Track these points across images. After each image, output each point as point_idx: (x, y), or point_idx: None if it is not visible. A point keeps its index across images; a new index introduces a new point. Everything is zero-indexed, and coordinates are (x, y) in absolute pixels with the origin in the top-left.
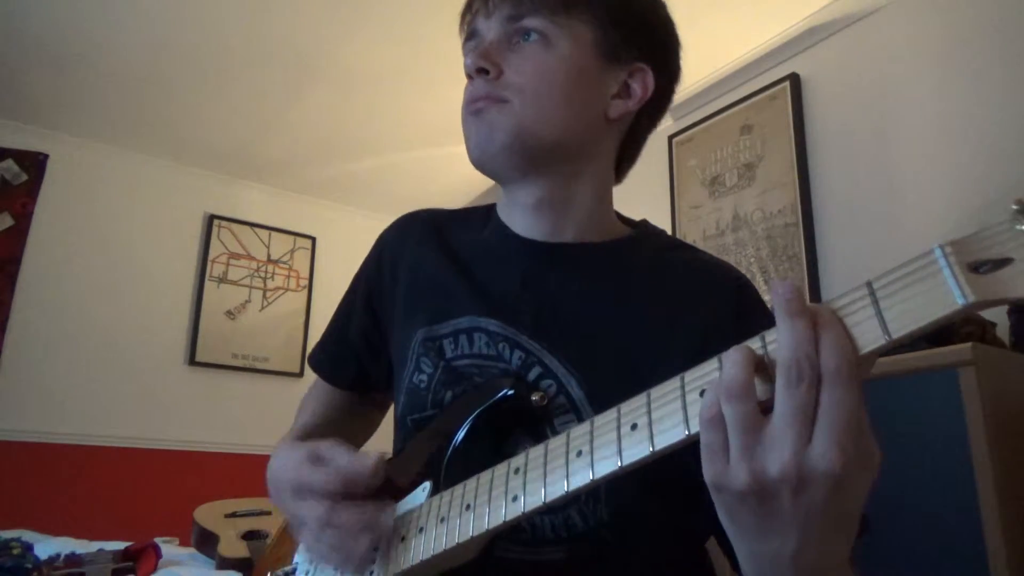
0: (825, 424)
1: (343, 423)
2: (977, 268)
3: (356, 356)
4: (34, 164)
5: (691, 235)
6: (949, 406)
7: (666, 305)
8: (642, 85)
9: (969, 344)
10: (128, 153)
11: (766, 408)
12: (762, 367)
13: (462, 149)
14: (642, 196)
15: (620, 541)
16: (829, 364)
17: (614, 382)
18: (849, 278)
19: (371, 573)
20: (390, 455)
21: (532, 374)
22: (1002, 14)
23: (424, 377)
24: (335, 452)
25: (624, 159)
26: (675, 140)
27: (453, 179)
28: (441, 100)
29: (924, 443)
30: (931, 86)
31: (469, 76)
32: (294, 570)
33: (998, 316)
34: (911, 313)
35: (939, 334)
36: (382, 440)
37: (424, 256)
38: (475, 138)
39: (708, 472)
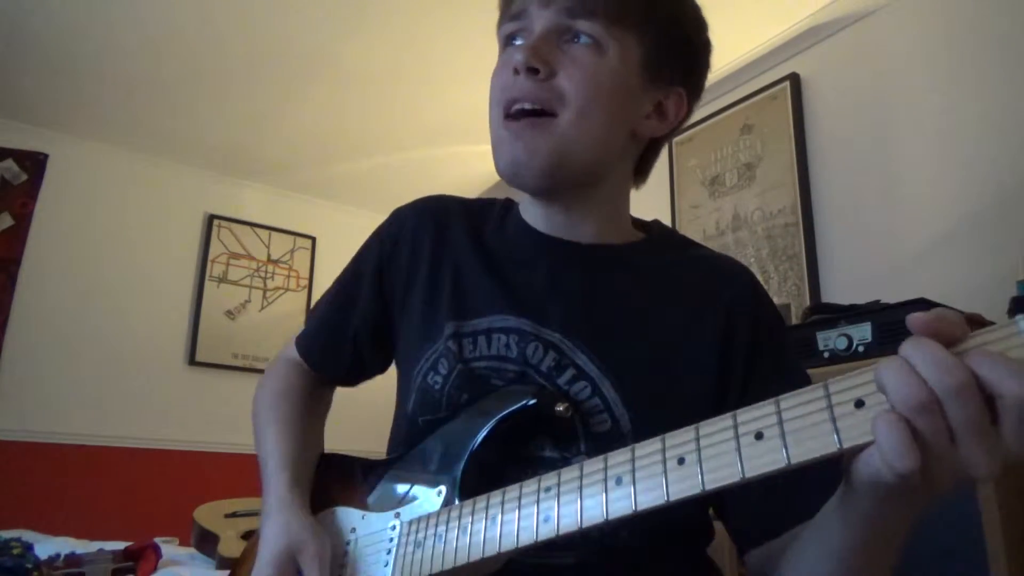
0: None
1: (311, 423)
2: None
3: (354, 346)
4: (34, 164)
5: (691, 235)
6: None
7: (689, 302)
8: (676, 108)
9: None
10: (128, 153)
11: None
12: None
13: (462, 149)
14: (642, 196)
15: (635, 545)
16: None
17: (647, 384)
18: (849, 278)
19: None
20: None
21: (565, 376)
22: (1002, 14)
23: (439, 378)
24: (309, 566)
25: (641, 168)
26: (675, 140)
27: (453, 179)
28: (441, 100)
29: None
30: (931, 86)
31: (515, 70)
32: None
33: (999, 316)
34: None
35: None
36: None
37: (450, 244)
38: (509, 156)
39: (936, 478)
